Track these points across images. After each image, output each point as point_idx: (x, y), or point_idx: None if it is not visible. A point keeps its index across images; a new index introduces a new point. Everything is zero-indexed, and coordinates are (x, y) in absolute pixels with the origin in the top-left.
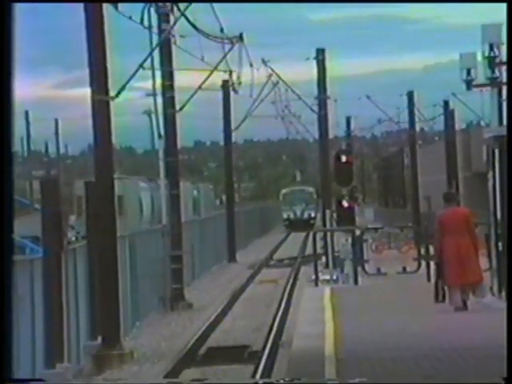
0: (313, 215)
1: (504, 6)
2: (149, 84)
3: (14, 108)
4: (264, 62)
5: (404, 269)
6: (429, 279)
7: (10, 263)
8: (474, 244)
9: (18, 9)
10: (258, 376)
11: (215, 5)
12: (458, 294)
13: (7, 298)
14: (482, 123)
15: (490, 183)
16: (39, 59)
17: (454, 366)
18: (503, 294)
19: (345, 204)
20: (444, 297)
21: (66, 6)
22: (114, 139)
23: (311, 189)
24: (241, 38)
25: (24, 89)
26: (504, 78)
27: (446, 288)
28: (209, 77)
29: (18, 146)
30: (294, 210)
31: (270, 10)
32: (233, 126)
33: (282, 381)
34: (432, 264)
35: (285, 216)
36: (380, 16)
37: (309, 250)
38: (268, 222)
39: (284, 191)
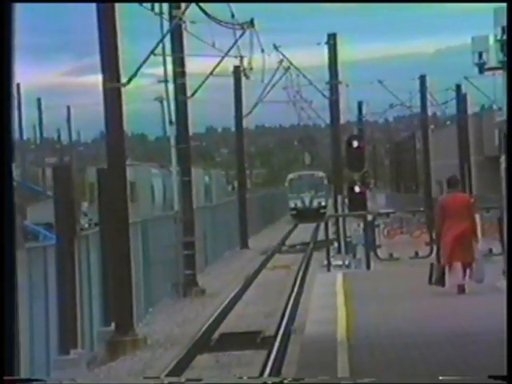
0: (323, 203)
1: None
2: (160, 70)
3: (14, 106)
4: (275, 47)
5: (416, 253)
6: None
7: (11, 265)
8: (473, 229)
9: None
10: (270, 362)
11: None
12: (454, 275)
13: (9, 300)
14: (495, 107)
15: (503, 167)
16: (51, 46)
17: (466, 351)
18: None
19: (356, 189)
20: (441, 279)
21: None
22: (125, 126)
23: (321, 173)
24: (252, 23)
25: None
26: None
27: (445, 271)
28: (220, 63)
29: (30, 133)
30: (301, 198)
31: None
32: (244, 112)
33: (285, 380)
34: None
35: (292, 205)
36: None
37: (321, 236)
38: (280, 208)
39: (291, 176)
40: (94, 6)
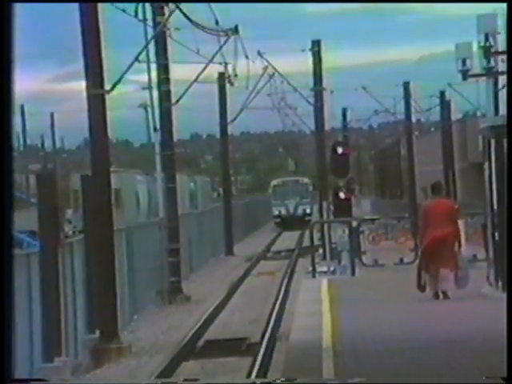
0: (308, 211)
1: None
2: (144, 77)
3: (14, 106)
4: (259, 53)
5: (401, 260)
6: None
7: (11, 265)
8: (456, 235)
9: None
10: (255, 368)
11: None
12: (435, 280)
13: (8, 301)
14: (478, 113)
15: (486, 173)
16: (34, 53)
17: (451, 358)
18: (500, 283)
19: (342, 195)
20: (424, 286)
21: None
22: (109, 133)
23: (306, 179)
24: (236, 30)
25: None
26: (500, 68)
27: (428, 275)
28: (204, 69)
29: (14, 140)
30: (286, 205)
31: (264, 2)
32: (229, 119)
33: (278, 380)
34: None
35: (275, 212)
36: (375, 7)
37: (306, 242)
38: (265, 215)
39: (274, 182)
40: (77, 12)
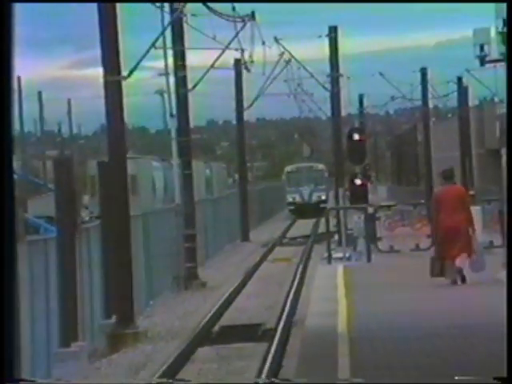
0: (323, 198)
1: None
2: (161, 63)
3: (14, 106)
4: (276, 40)
5: (417, 246)
6: None
7: (12, 266)
8: (469, 221)
9: None
10: (270, 354)
11: None
12: (452, 267)
13: (8, 301)
14: (496, 99)
15: (504, 159)
16: (51, 40)
17: (466, 344)
18: None
19: (358, 182)
20: (441, 271)
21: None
22: (126, 119)
23: (321, 166)
24: (253, 16)
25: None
26: None
27: (442, 263)
28: (221, 55)
29: (31, 126)
30: (300, 192)
31: None
32: (245, 105)
33: (277, 380)
34: None
35: (289, 199)
36: None
37: (322, 229)
38: (281, 201)
39: (288, 168)
40: None
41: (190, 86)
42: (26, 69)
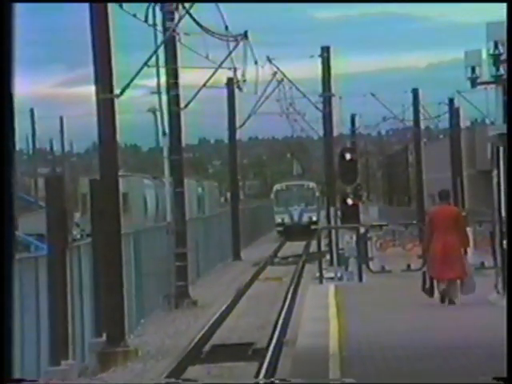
0: (314, 218)
1: (504, 5)
2: (153, 82)
3: (14, 107)
4: (269, 59)
5: (408, 266)
6: None
7: (11, 265)
8: (462, 242)
9: (23, 7)
10: (261, 374)
11: (220, 3)
12: (442, 286)
13: (7, 301)
14: (487, 121)
15: (495, 181)
16: (44, 57)
17: (458, 365)
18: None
19: (349, 202)
20: (432, 291)
21: (71, 4)
22: (118, 137)
23: (312, 184)
24: (245, 35)
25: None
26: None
27: (434, 282)
28: (213, 74)
29: (23, 143)
30: (290, 212)
31: (274, 8)
32: (237, 124)
33: (277, 381)
34: None
35: (278, 220)
36: (384, 14)
37: (313, 248)
38: (273, 220)
39: (278, 187)
40: (87, 16)
41: (182, 104)
42: (18, 86)
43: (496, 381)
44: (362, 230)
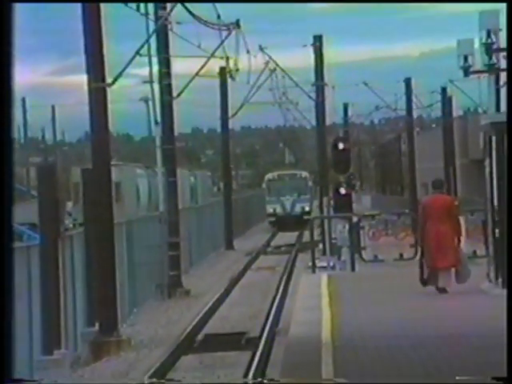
0: (307, 208)
1: (504, 5)
2: (145, 71)
3: (14, 102)
4: (261, 48)
5: (401, 255)
6: None
7: (11, 265)
8: (455, 230)
9: None
10: (254, 363)
11: None
12: (438, 276)
13: (7, 301)
14: (480, 110)
15: (487, 170)
16: (35, 46)
17: (450, 354)
18: (500, 280)
19: (342, 191)
20: (428, 280)
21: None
22: (110, 126)
23: (305, 173)
24: (238, 24)
25: (20, 75)
26: (502, 65)
27: (429, 271)
28: (206, 63)
29: (14, 132)
30: (282, 202)
31: None
32: (230, 113)
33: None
34: None
35: (270, 210)
36: (377, 3)
37: (306, 237)
38: (265, 209)
39: (269, 176)
40: (79, 5)
41: (174, 93)
42: None
43: (496, 381)
44: (355, 219)
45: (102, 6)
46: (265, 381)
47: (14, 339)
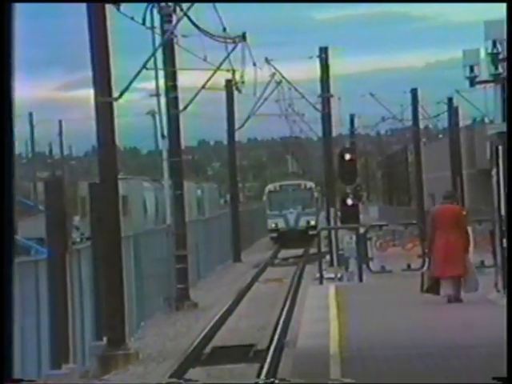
0: (313, 222)
1: (504, 5)
2: (152, 84)
3: (15, 108)
4: (267, 60)
5: (408, 266)
6: None
7: (11, 265)
8: (463, 240)
9: (21, 10)
10: (262, 376)
11: (218, 4)
12: (447, 285)
13: (7, 300)
14: (486, 120)
15: (494, 180)
16: (42, 61)
17: (458, 364)
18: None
19: (349, 202)
20: (433, 288)
21: (68, 7)
22: (117, 140)
23: (310, 184)
24: (243, 37)
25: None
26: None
27: (436, 280)
28: (212, 76)
29: (22, 147)
30: (284, 216)
31: (272, 9)
32: (236, 126)
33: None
34: None
35: (271, 225)
36: (382, 14)
37: (313, 249)
38: None
39: (271, 187)
40: (85, 20)
41: (181, 106)
42: (16, 89)
43: (496, 381)
44: (362, 230)
45: (109, 19)
46: (276, 381)
47: (13, 339)
